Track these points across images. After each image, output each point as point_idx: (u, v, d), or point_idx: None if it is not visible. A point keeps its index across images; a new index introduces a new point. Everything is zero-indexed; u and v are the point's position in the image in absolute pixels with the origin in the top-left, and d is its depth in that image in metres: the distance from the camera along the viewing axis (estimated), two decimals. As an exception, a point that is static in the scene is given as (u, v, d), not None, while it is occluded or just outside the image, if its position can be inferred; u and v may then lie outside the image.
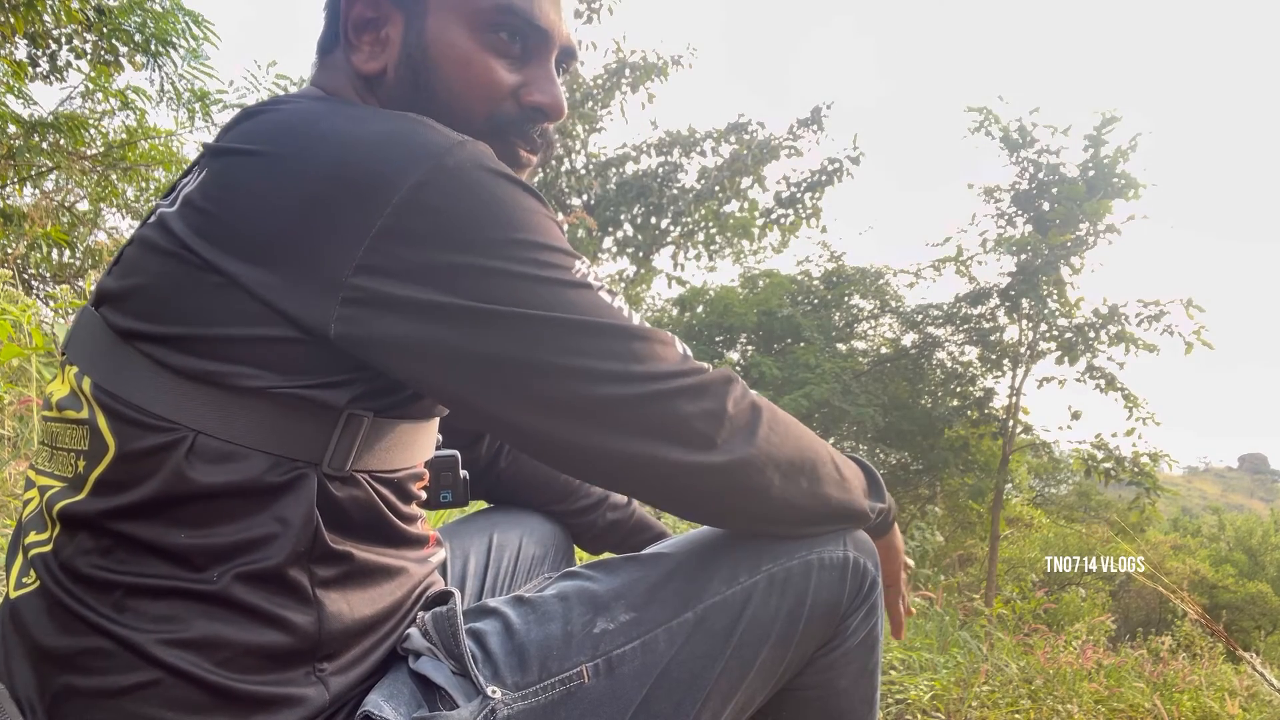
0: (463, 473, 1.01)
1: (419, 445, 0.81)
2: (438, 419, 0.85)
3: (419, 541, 0.84)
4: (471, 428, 1.12)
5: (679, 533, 0.94)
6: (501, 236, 0.68)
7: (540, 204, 0.72)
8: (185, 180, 0.75)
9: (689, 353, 0.76)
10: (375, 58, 0.81)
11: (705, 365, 0.76)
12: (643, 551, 0.87)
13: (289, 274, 0.67)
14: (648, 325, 0.73)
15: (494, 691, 0.74)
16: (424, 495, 0.86)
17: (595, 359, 0.69)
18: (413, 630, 0.79)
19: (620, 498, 1.31)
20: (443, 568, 1.10)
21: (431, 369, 0.69)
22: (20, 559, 0.76)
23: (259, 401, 0.69)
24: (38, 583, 0.72)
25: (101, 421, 0.71)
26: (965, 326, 11.90)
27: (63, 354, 0.78)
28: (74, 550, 0.70)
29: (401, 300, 0.66)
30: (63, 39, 6.02)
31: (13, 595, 0.74)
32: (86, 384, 0.72)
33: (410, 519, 0.82)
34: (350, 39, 0.81)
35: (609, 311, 0.71)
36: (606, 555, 0.91)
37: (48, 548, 0.72)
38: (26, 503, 0.78)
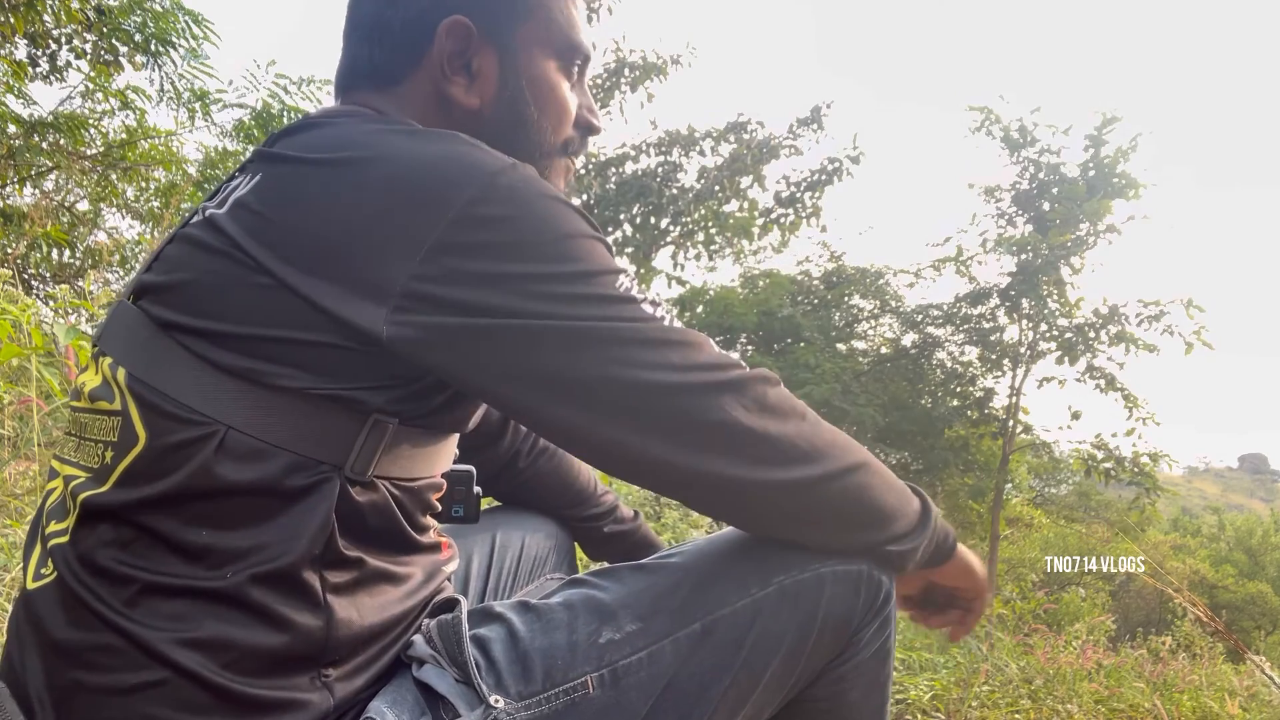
0: (476, 489, 1.02)
1: (440, 457, 0.82)
2: (458, 434, 0.86)
3: (432, 549, 0.84)
4: (518, 422, 1.13)
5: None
6: (551, 251, 0.71)
7: (587, 224, 0.76)
8: (233, 184, 0.77)
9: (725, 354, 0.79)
10: (471, 90, 0.87)
11: (738, 363, 0.78)
12: (650, 560, 0.86)
13: (344, 280, 0.69)
14: (684, 328, 0.77)
15: (497, 700, 0.74)
16: (439, 506, 0.86)
17: (639, 369, 0.72)
18: (416, 637, 0.79)
19: (628, 511, 1.31)
20: (450, 571, 1.11)
21: (477, 370, 0.71)
22: (39, 549, 0.76)
23: (292, 400, 0.70)
24: (55, 575, 0.72)
25: (134, 412, 0.72)
26: (965, 326, 11.91)
27: (94, 346, 0.79)
28: (93, 542, 0.70)
29: (454, 302, 0.69)
30: (63, 39, 6.02)
31: (30, 586, 0.75)
32: (121, 375, 0.73)
33: (424, 528, 0.83)
34: (446, 71, 0.85)
35: (653, 322, 0.74)
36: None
37: (65, 539, 0.73)
38: (50, 492, 0.79)
